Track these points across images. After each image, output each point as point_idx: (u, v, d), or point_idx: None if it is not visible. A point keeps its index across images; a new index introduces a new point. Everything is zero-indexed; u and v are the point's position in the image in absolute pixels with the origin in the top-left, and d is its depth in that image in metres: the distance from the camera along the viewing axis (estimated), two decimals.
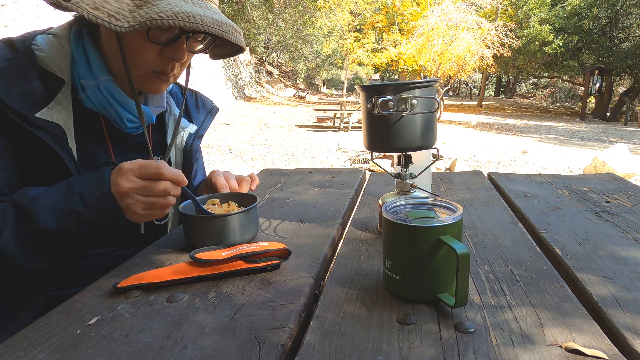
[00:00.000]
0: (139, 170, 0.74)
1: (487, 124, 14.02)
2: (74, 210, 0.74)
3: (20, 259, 0.74)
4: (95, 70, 0.86)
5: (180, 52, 0.85)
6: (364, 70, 36.77)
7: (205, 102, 1.15)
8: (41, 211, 0.74)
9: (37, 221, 0.73)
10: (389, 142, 0.84)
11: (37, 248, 0.76)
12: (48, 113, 0.80)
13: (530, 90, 35.51)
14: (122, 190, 0.74)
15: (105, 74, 0.87)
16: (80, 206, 0.74)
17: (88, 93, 0.86)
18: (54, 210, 0.74)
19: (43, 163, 0.81)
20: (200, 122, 1.10)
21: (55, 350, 0.55)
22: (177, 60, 0.86)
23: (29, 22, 6.85)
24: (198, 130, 1.09)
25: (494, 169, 6.75)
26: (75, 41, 0.86)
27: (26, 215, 0.73)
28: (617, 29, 19.06)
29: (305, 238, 0.92)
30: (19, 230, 0.74)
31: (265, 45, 26.97)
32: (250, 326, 0.59)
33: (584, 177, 1.45)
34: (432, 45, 14.72)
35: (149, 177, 0.74)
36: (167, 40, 0.83)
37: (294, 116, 13.89)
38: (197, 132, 1.09)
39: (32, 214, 0.73)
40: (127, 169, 0.74)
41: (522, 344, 0.54)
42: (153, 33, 0.81)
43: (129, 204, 0.74)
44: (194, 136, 1.08)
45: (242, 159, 7.12)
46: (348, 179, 1.45)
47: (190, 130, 1.08)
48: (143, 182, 0.74)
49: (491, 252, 0.84)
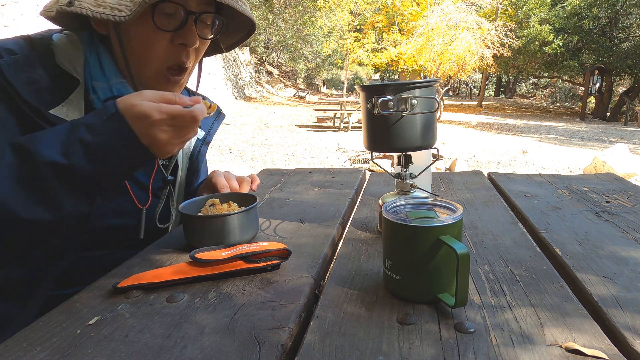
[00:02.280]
0: (161, 97, 0.70)
1: (487, 124, 14.02)
2: (80, 138, 0.67)
3: (16, 206, 0.66)
4: (108, 73, 0.86)
5: (191, 36, 0.84)
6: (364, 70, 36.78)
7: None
8: (43, 145, 0.67)
9: (39, 156, 0.66)
10: (389, 142, 0.84)
11: (39, 192, 0.67)
12: (61, 111, 0.80)
13: (530, 90, 35.51)
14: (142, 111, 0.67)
15: (117, 77, 0.87)
16: (85, 133, 0.68)
17: (100, 95, 0.86)
18: (57, 143, 0.67)
19: None
20: (207, 127, 1.10)
21: (55, 350, 0.55)
22: (189, 45, 0.84)
23: (29, 22, 6.85)
24: (205, 137, 1.08)
25: (494, 169, 6.75)
26: (88, 44, 0.87)
27: (26, 153, 0.67)
28: (617, 29, 19.06)
29: (305, 238, 0.92)
30: (17, 171, 0.66)
31: (265, 45, 26.96)
32: (250, 326, 0.59)
33: (584, 177, 1.45)
34: (432, 45, 14.72)
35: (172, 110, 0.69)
36: (176, 26, 0.82)
37: (294, 116, 13.89)
38: (204, 138, 1.08)
39: (33, 150, 0.66)
40: (148, 97, 0.70)
41: (522, 344, 0.54)
42: (159, 20, 0.81)
43: (152, 127, 0.68)
44: (202, 142, 1.07)
45: (242, 159, 7.12)
46: (348, 179, 1.45)
47: (198, 136, 1.07)
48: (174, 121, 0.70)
49: (491, 252, 0.84)
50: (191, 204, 0.91)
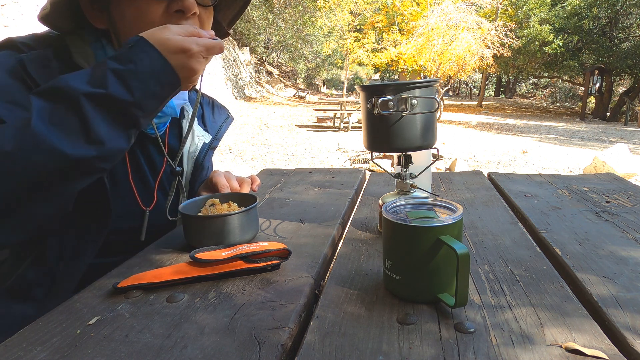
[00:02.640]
0: (187, 31, 0.73)
1: (487, 124, 14.02)
2: (109, 68, 0.67)
3: (62, 144, 0.63)
4: None
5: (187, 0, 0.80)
6: (364, 70, 36.78)
7: (221, 110, 1.14)
8: (76, 81, 0.66)
9: (74, 90, 0.65)
10: (389, 142, 0.84)
11: (79, 128, 0.65)
12: None
13: (530, 90, 35.52)
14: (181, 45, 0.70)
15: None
16: (113, 63, 0.68)
17: None
18: (89, 77, 0.67)
19: None
20: (215, 131, 1.09)
21: (55, 350, 0.55)
22: (187, 11, 0.81)
23: (29, 22, 6.85)
24: (212, 141, 1.07)
25: (494, 169, 6.75)
26: (93, 40, 0.87)
27: (58, 92, 0.65)
28: (617, 29, 19.07)
29: (305, 238, 0.92)
30: (51, 111, 0.64)
31: (265, 45, 26.97)
32: (250, 326, 0.59)
33: (584, 177, 1.45)
34: (432, 45, 14.72)
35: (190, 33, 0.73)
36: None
37: (294, 116, 13.89)
38: (211, 142, 1.07)
39: (65, 87, 0.65)
40: (177, 31, 0.72)
41: (522, 344, 0.54)
42: None
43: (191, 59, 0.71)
44: (208, 146, 1.06)
45: (242, 159, 7.12)
46: (348, 179, 1.45)
47: (205, 140, 1.06)
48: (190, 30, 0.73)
49: (491, 252, 0.84)
50: (191, 204, 0.91)
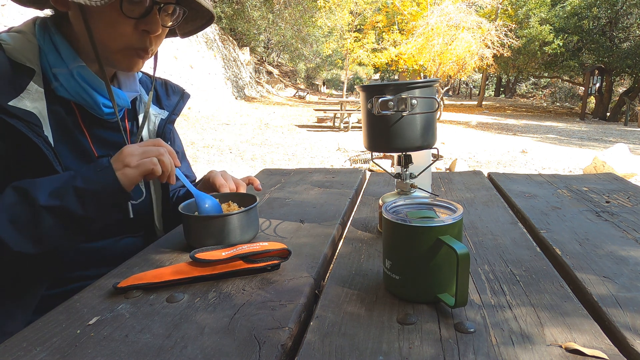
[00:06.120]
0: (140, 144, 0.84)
1: (487, 124, 14.02)
2: (75, 187, 0.77)
3: (8, 238, 0.74)
4: (65, 58, 0.87)
5: (154, 24, 0.87)
6: (364, 70, 36.77)
7: (175, 89, 1.16)
8: (42, 190, 0.76)
9: (38, 199, 0.75)
10: (389, 142, 0.84)
11: (30, 229, 0.76)
12: (21, 102, 0.80)
13: (530, 90, 35.51)
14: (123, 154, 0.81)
15: (76, 60, 0.88)
16: (81, 182, 0.78)
17: (61, 81, 0.87)
18: (55, 189, 0.77)
19: (21, 154, 0.81)
20: (171, 107, 1.12)
21: (55, 350, 0.55)
22: (153, 33, 0.87)
23: None
24: (170, 116, 1.10)
25: (494, 169, 6.75)
26: (41, 33, 0.87)
27: (25, 195, 0.76)
28: (617, 29, 19.05)
29: (305, 238, 0.92)
30: (15, 209, 0.75)
31: (265, 45, 26.96)
32: (250, 326, 0.59)
33: (584, 177, 1.45)
34: (432, 45, 14.71)
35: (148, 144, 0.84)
36: (141, 14, 0.85)
37: (294, 116, 13.89)
38: (168, 117, 1.10)
39: (33, 195, 0.75)
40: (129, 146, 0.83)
41: (522, 344, 0.54)
42: (126, 7, 0.83)
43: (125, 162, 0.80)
44: (166, 121, 1.09)
45: (242, 159, 7.12)
46: (348, 179, 1.45)
47: (162, 116, 1.09)
48: (142, 147, 0.83)
49: (491, 252, 0.84)
50: (191, 204, 0.91)
